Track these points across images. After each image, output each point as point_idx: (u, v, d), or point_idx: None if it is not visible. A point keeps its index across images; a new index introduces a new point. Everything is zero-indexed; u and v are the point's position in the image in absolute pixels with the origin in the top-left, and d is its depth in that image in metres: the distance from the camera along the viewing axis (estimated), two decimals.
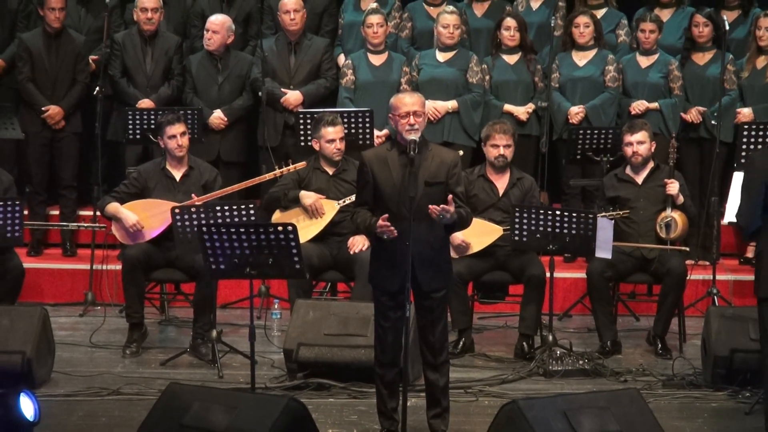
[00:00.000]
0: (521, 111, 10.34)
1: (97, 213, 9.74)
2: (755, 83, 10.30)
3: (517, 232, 8.52)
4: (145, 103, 10.39)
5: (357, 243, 8.91)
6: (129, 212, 8.88)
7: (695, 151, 10.35)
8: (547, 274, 8.69)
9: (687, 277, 8.89)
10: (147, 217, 8.87)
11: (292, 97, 10.41)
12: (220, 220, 8.37)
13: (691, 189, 9.64)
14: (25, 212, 9.78)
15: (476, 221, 8.40)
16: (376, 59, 10.39)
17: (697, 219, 9.44)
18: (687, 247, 9.19)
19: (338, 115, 9.25)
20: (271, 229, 7.35)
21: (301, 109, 10.13)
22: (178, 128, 8.96)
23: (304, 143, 9.72)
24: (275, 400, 6.67)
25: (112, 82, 10.55)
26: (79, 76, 10.53)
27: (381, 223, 6.83)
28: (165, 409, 6.67)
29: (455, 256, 8.59)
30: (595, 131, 9.97)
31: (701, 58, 10.37)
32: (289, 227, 7.33)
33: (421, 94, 7.12)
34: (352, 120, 9.62)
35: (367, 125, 9.65)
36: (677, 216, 8.99)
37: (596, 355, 8.64)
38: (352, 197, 8.43)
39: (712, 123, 10.10)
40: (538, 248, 8.72)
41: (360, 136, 9.64)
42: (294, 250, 7.34)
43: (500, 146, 8.94)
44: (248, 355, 7.62)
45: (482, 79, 10.31)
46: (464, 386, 8.07)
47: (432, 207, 6.78)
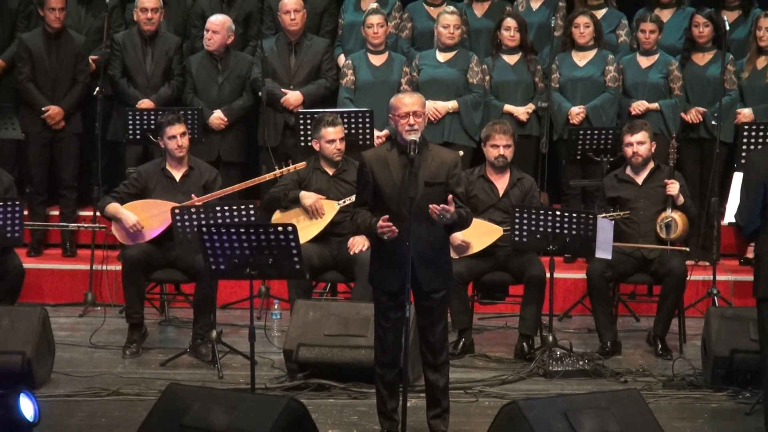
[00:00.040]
0: (521, 111, 10.34)
1: (97, 213, 9.73)
2: (755, 83, 10.30)
3: (517, 232, 8.51)
4: (145, 103, 10.39)
5: (357, 243, 8.90)
6: (129, 212, 8.88)
7: (695, 152, 10.35)
8: (547, 275, 8.68)
9: (687, 278, 8.88)
10: (147, 217, 8.87)
11: (293, 97, 10.41)
12: (220, 221, 8.36)
13: (691, 189, 9.63)
14: (25, 212, 9.78)
15: (476, 221, 8.39)
16: (377, 59, 10.39)
17: (697, 219, 9.43)
18: (687, 248, 9.18)
19: (338, 116, 9.24)
20: (271, 229, 7.34)
21: (302, 110, 10.12)
22: (178, 128, 8.95)
23: (304, 143, 9.71)
24: (275, 400, 6.67)
25: (112, 83, 10.55)
26: (80, 77, 10.52)
27: (382, 223, 6.83)
28: (165, 409, 6.67)
29: (455, 256, 8.59)
30: (595, 132, 9.96)
31: (701, 59, 10.36)
32: (289, 227, 7.33)
33: (421, 95, 7.12)
34: (352, 120, 9.61)
35: (367, 125, 9.64)
36: (677, 216, 8.98)
37: (596, 356, 8.64)
38: (352, 197, 8.42)
39: (713, 123, 10.09)
40: (538, 248, 8.71)
41: (360, 137, 9.63)
42: (294, 251, 7.33)
43: (500, 146, 8.93)
44: (248, 356, 7.61)
45: (482, 79, 10.30)
46: (464, 387, 8.07)
47: (432, 206, 6.78)
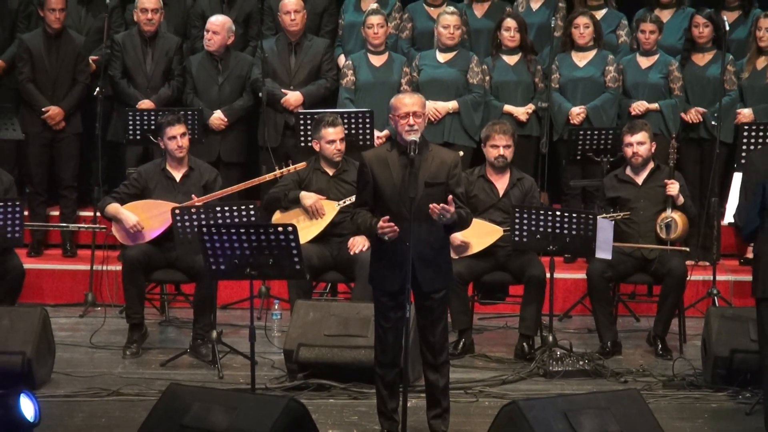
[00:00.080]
0: (521, 111, 10.34)
1: (98, 214, 9.72)
2: (755, 84, 10.30)
3: (517, 232, 8.51)
4: (146, 103, 10.39)
5: (357, 243, 8.90)
6: (129, 213, 8.88)
7: (695, 152, 10.35)
8: (548, 275, 8.68)
9: (687, 278, 8.88)
10: (147, 217, 8.87)
11: (293, 97, 10.41)
12: (220, 221, 8.36)
13: (691, 189, 9.63)
14: (26, 213, 9.77)
15: (476, 222, 8.40)
16: (377, 60, 10.39)
17: (697, 219, 9.44)
18: (687, 248, 9.18)
19: (338, 116, 9.24)
20: (272, 229, 7.34)
21: (302, 110, 10.12)
22: (178, 129, 8.95)
23: (304, 144, 9.71)
24: (275, 400, 6.67)
25: (112, 83, 10.55)
26: (80, 77, 10.52)
27: (382, 224, 6.82)
28: (165, 409, 6.67)
29: (455, 256, 8.59)
30: (595, 132, 9.96)
31: (701, 59, 10.36)
32: (289, 228, 7.33)
33: (421, 95, 7.12)
34: (353, 121, 9.61)
35: (367, 126, 9.64)
36: (677, 216, 8.98)
37: (596, 356, 8.64)
38: (353, 198, 8.42)
39: (713, 123, 10.09)
40: (538, 249, 8.71)
41: (360, 137, 9.63)
42: (294, 251, 7.33)
43: (500, 147, 8.93)
44: (248, 356, 7.61)
45: (482, 79, 10.30)
46: (464, 387, 8.07)
47: (432, 206, 6.77)
